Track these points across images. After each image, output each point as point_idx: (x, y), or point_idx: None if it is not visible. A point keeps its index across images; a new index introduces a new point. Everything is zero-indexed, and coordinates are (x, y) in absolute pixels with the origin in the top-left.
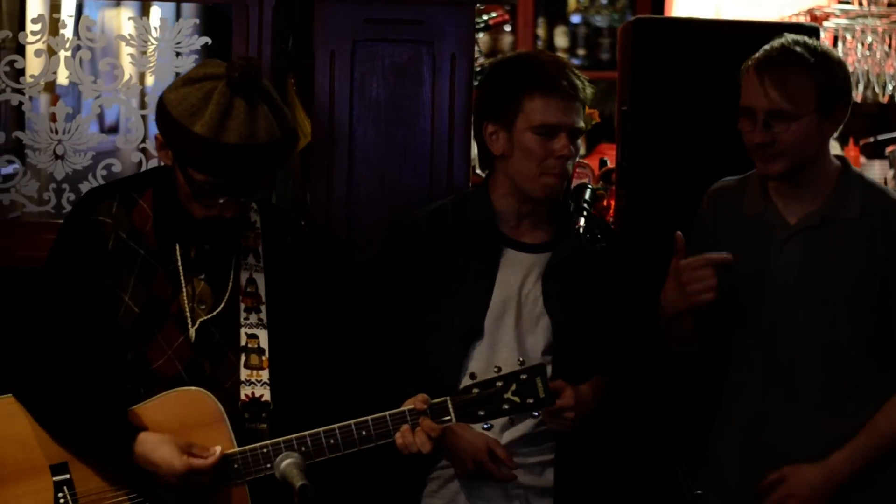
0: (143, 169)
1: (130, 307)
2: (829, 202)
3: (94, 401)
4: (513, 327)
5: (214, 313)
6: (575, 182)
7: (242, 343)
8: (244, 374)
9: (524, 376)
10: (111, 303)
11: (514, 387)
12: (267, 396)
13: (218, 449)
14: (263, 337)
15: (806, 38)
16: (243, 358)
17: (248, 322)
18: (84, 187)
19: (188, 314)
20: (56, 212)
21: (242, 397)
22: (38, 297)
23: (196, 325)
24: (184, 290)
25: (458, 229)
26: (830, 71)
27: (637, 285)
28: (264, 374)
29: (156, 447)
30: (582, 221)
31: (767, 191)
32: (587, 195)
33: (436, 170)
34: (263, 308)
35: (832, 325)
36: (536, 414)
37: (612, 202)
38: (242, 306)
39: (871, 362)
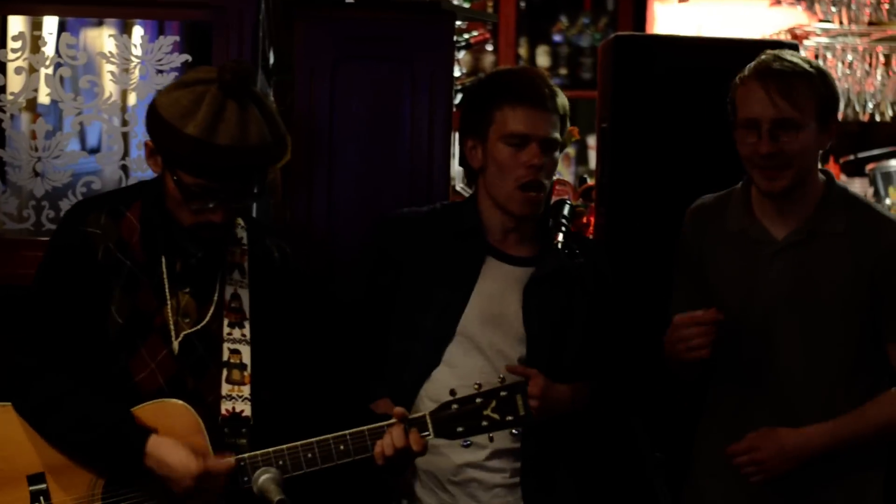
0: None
1: (115, 318)
2: (815, 217)
3: (103, 406)
4: (489, 336)
5: (198, 327)
6: (555, 198)
7: (225, 358)
8: (225, 388)
9: (504, 393)
10: (100, 313)
11: (493, 404)
12: (247, 412)
13: (233, 457)
14: (246, 352)
15: (792, 52)
16: (225, 373)
17: (231, 337)
18: (64, 205)
19: (172, 327)
20: (35, 229)
21: (223, 412)
22: (33, 310)
23: (180, 339)
24: (168, 302)
25: (446, 235)
26: (829, 84)
27: (620, 300)
28: (245, 390)
29: (171, 450)
30: (560, 237)
31: (751, 207)
32: (566, 211)
33: (415, 186)
34: (247, 324)
35: (821, 339)
36: (516, 432)
37: (592, 219)
38: (226, 321)
39: (860, 374)
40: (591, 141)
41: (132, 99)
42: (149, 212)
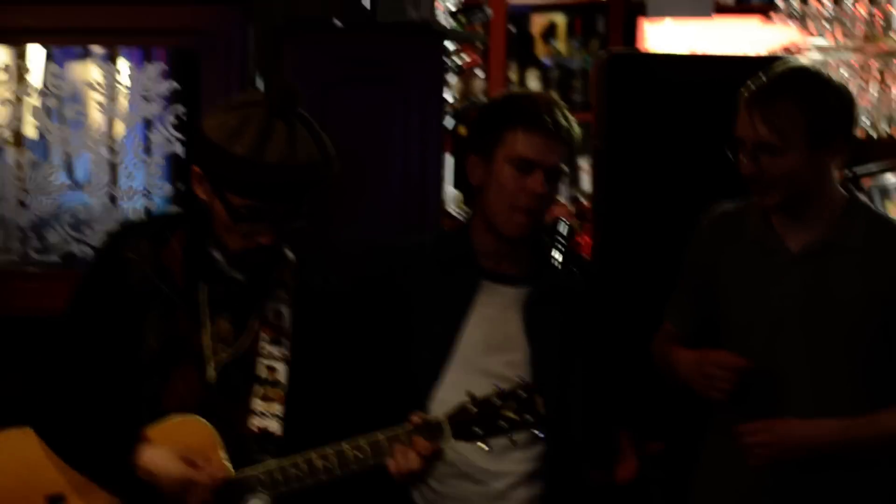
0: (111, 217)
1: (150, 343)
2: (833, 231)
3: (102, 419)
4: (493, 362)
5: (236, 353)
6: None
7: (262, 375)
8: (259, 406)
9: (523, 394)
10: (131, 338)
11: (513, 404)
12: (277, 430)
13: (221, 471)
14: (283, 371)
15: (804, 66)
16: (260, 390)
17: (269, 354)
18: (51, 236)
19: (210, 353)
20: (21, 260)
21: (254, 430)
22: (61, 332)
23: (215, 366)
24: (206, 328)
25: (436, 263)
26: (823, 101)
27: (614, 320)
28: (278, 408)
29: (159, 460)
30: (556, 255)
31: (769, 217)
32: (563, 229)
33: (408, 209)
34: (286, 342)
35: (829, 354)
36: (541, 435)
37: (587, 239)
38: (265, 337)
39: (871, 390)
40: (583, 163)
41: (119, 128)
42: (193, 239)
